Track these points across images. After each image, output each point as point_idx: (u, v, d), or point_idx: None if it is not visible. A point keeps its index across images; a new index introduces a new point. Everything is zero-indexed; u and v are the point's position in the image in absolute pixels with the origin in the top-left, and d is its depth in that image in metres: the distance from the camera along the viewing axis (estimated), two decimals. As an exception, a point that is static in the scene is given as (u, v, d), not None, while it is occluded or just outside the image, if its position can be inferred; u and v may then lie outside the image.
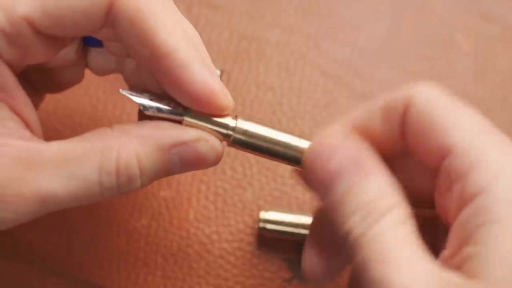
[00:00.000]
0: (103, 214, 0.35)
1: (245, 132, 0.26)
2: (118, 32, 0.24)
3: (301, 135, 0.27)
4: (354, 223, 0.22)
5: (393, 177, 0.23)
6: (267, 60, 0.40)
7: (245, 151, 0.26)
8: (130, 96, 0.26)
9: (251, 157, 0.37)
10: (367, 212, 0.22)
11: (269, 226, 0.34)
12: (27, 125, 0.25)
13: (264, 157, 0.27)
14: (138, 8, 0.23)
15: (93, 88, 0.38)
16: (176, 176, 0.36)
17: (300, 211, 0.36)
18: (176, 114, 0.25)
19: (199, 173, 0.36)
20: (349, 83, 0.40)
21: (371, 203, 0.22)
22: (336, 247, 0.26)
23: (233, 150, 0.37)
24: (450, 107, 0.23)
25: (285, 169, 0.37)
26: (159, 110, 0.25)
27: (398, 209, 0.22)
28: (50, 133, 0.37)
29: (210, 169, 0.36)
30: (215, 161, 0.26)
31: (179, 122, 0.25)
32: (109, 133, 0.25)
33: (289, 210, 0.36)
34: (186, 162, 0.25)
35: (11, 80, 0.24)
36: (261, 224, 0.34)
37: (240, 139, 0.26)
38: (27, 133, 0.25)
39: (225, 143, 0.26)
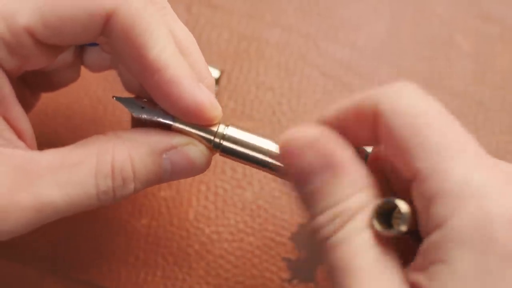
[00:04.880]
0: (103, 214, 0.35)
1: (223, 137, 0.26)
2: (112, 43, 0.25)
3: None
4: (322, 223, 0.22)
5: (368, 171, 0.23)
6: (267, 60, 0.40)
7: (231, 158, 0.27)
8: (122, 103, 0.26)
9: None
10: (334, 214, 0.21)
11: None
12: (22, 136, 0.25)
13: (250, 165, 0.27)
14: (133, 24, 0.23)
15: (93, 89, 0.38)
16: (176, 176, 0.36)
17: (301, 211, 0.36)
18: (166, 120, 0.26)
19: (199, 173, 0.36)
20: (349, 83, 0.40)
21: (339, 204, 0.21)
22: None
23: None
24: (418, 121, 0.21)
25: (285, 169, 0.37)
26: (149, 116, 0.26)
27: (366, 210, 0.21)
28: (50, 135, 0.37)
29: (210, 169, 0.36)
30: (204, 166, 0.27)
31: (169, 127, 0.26)
32: (102, 138, 0.25)
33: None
34: (176, 167, 0.26)
35: (8, 92, 0.24)
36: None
37: (219, 144, 0.26)
38: (21, 144, 0.25)
39: (216, 153, 0.27)
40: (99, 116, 0.38)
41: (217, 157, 0.37)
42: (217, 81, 0.38)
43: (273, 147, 0.26)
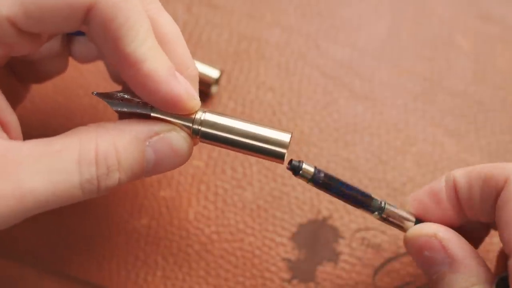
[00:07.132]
0: (102, 214, 0.35)
1: (201, 123, 0.27)
2: (91, 34, 0.25)
3: (265, 125, 0.27)
4: None
5: (484, 267, 0.26)
6: (267, 60, 0.40)
7: (212, 144, 0.27)
8: (101, 98, 0.27)
9: (251, 157, 0.37)
10: None
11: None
12: (6, 128, 0.25)
13: (232, 149, 0.27)
14: (112, 17, 0.23)
15: (93, 88, 0.38)
16: (176, 176, 0.36)
17: (301, 211, 0.36)
18: (144, 111, 0.26)
19: (199, 173, 0.36)
20: (349, 84, 0.40)
21: None
22: None
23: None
24: None
25: (285, 169, 0.37)
26: (128, 109, 0.27)
27: None
28: (49, 134, 0.37)
29: (210, 169, 0.36)
30: (187, 154, 0.27)
31: (148, 117, 0.26)
32: (85, 128, 0.25)
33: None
34: (159, 155, 0.26)
35: None
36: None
37: (198, 130, 0.27)
38: (4, 134, 0.25)
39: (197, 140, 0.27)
40: (99, 115, 0.38)
41: (217, 157, 0.37)
42: (217, 81, 0.38)
43: (252, 128, 0.27)
